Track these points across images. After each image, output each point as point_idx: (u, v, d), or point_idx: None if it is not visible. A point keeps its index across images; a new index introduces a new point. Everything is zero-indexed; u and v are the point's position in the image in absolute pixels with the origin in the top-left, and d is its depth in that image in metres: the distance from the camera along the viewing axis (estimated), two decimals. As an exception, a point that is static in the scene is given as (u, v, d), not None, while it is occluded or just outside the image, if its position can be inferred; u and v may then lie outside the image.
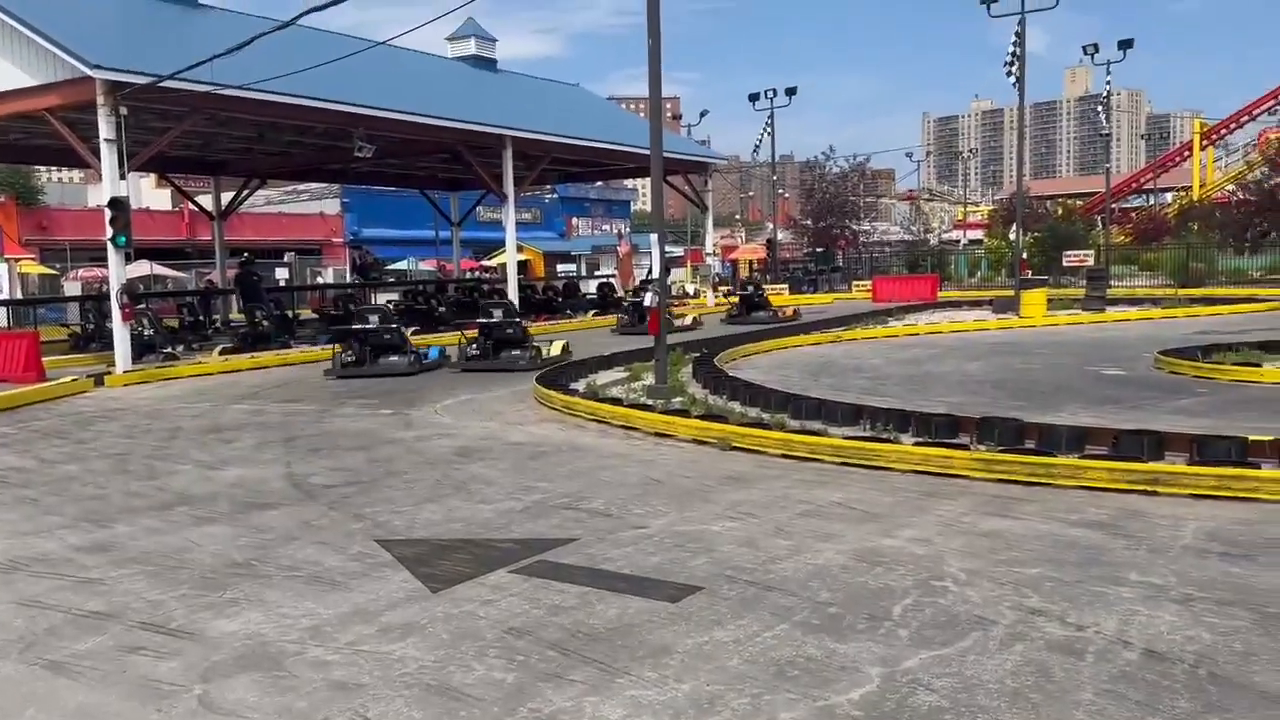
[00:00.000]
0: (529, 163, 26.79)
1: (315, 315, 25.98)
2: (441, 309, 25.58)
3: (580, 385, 13.31)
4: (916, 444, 8.70)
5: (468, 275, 38.21)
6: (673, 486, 7.92)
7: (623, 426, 10.68)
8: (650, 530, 6.57)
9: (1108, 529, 6.36)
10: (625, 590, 5.34)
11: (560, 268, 46.13)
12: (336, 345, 17.06)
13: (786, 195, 62.20)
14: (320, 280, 40.59)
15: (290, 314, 24.24)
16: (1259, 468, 7.32)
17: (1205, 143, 61.87)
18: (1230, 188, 47.49)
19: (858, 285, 38.42)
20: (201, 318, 23.31)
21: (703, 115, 49.02)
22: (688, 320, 24.17)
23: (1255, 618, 4.72)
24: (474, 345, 17.24)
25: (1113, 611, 4.85)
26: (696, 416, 10.30)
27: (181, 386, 15.98)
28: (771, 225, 48.54)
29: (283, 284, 34.45)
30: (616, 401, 11.49)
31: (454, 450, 9.72)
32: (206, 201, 29.02)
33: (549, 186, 49.61)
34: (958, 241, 59.24)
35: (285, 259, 40.66)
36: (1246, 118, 59.42)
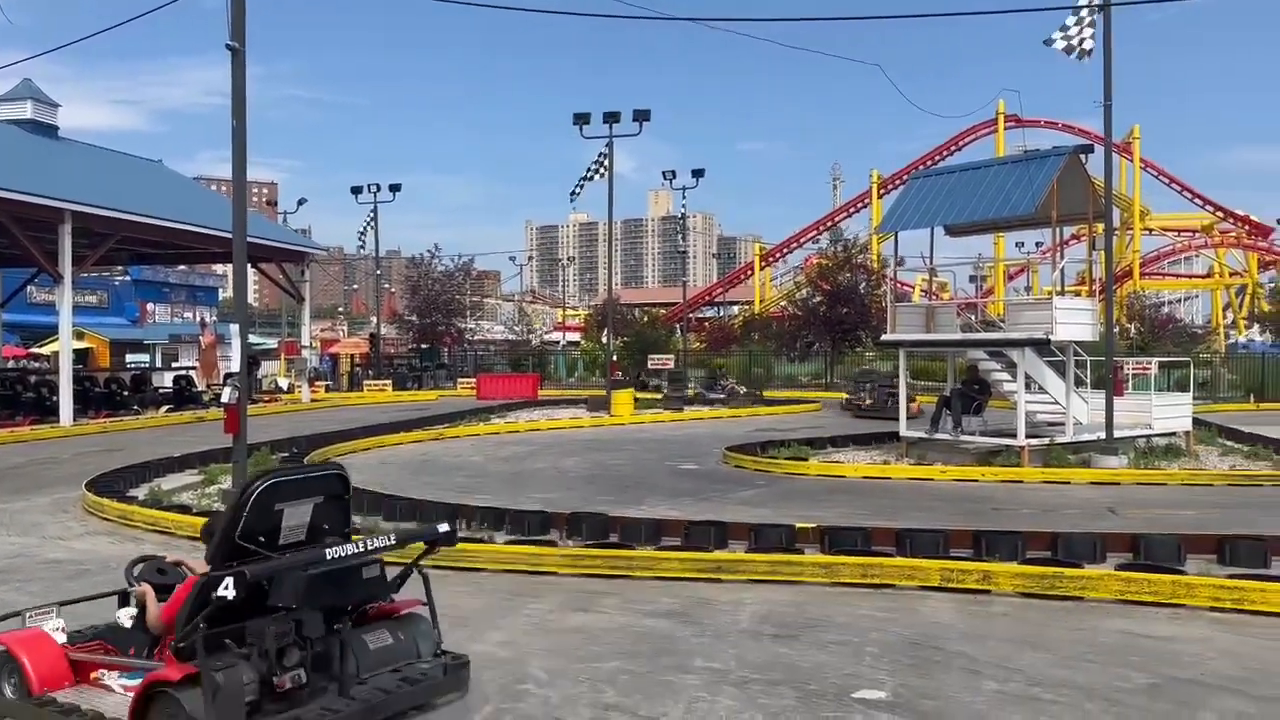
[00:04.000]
0: (94, 240, 23.99)
1: None
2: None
3: (141, 492, 11.85)
4: (509, 542, 8.75)
5: (11, 363, 33.00)
6: (244, 602, 7.16)
7: (190, 537, 9.58)
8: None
9: (678, 617, 6.73)
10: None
11: (131, 357, 41.36)
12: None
13: (392, 290, 61.59)
14: None
15: None
16: (803, 552, 8.22)
17: (764, 264, 71.08)
18: (783, 304, 54.67)
19: (463, 382, 38.66)
20: None
21: (300, 203, 47.43)
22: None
23: (799, 695, 5.19)
24: None
25: (679, 699, 5.08)
26: (278, 522, 9.53)
27: None
28: (375, 319, 47.66)
29: None
30: (185, 509, 10.35)
31: (-33, 574, 8.10)
32: None
33: (120, 268, 44.70)
34: (558, 343, 62.10)
35: None
36: (796, 244, 69.32)
